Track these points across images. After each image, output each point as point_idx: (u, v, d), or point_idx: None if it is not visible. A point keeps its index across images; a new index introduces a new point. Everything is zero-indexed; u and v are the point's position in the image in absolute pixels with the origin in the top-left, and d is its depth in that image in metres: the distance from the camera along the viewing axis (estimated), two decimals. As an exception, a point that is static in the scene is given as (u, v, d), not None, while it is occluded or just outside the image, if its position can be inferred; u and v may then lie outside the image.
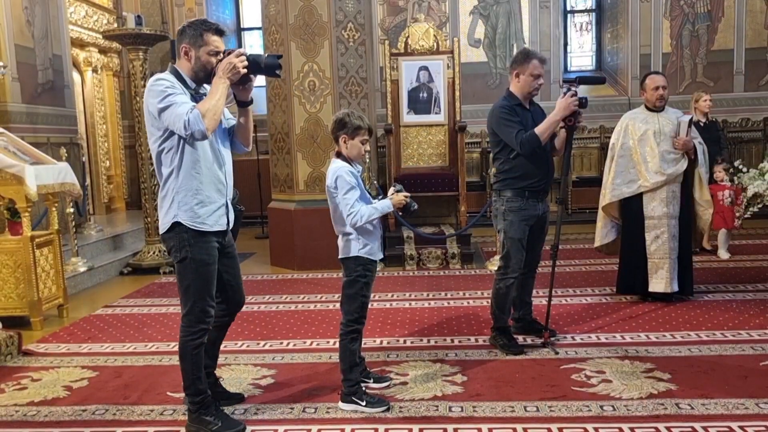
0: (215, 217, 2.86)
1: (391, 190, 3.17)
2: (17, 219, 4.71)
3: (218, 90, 2.73)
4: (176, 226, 2.82)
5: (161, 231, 2.89)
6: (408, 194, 3.13)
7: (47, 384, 3.62)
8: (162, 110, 2.68)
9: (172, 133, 2.74)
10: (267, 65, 2.81)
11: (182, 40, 2.82)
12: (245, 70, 2.75)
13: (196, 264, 2.83)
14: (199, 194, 2.81)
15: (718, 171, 6.08)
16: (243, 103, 2.95)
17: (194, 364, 2.89)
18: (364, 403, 3.09)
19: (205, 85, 2.90)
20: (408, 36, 7.50)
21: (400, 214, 3.21)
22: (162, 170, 2.83)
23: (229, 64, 2.72)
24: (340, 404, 3.14)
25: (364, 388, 3.20)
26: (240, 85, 2.84)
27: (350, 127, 3.08)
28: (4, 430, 3.05)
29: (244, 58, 2.74)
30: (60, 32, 7.29)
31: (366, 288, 3.15)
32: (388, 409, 3.09)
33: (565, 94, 3.69)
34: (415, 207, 3.17)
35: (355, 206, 3.04)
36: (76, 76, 8.38)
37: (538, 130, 3.67)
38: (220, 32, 2.84)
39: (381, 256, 3.22)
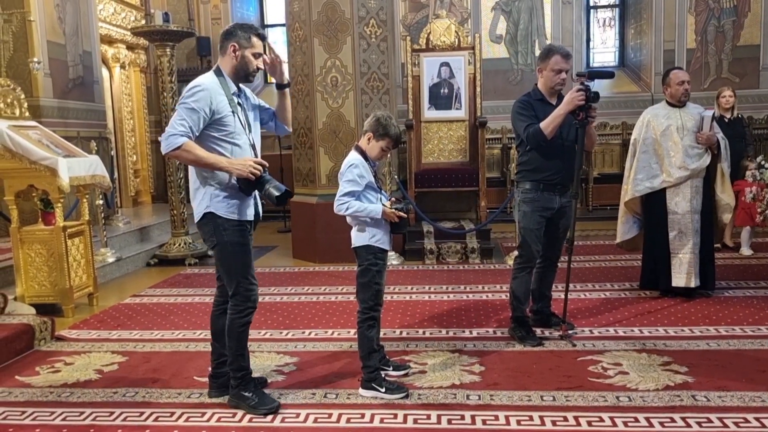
0: (245, 207, 3.03)
1: (391, 202, 3.23)
2: (50, 209, 4.87)
3: (212, 162, 2.88)
4: (209, 215, 2.98)
5: (196, 220, 3.06)
6: (404, 215, 3.21)
7: (79, 367, 3.76)
8: (176, 110, 2.90)
9: (203, 128, 2.91)
10: (267, 194, 2.91)
11: (231, 39, 2.98)
12: (252, 177, 2.89)
13: (232, 246, 3.00)
14: (232, 187, 2.96)
15: (750, 168, 6.01)
16: (280, 86, 3.16)
17: (239, 342, 3.06)
18: (383, 390, 3.18)
19: (242, 85, 3.07)
20: (429, 32, 7.55)
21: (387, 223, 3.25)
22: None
23: (244, 165, 2.88)
24: (361, 391, 3.23)
25: (383, 375, 3.29)
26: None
27: (380, 131, 3.19)
28: (40, 409, 3.19)
29: (260, 171, 2.90)
30: (90, 29, 7.49)
31: (378, 276, 3.23)
32: (406, 396, 3.17)
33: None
34: (404, 230, 3.30)
35: (347, 197, 3.18)
36: (104, 72, 8.57)
37: (543, 124, 3.73)
38: (264, 38, 3.05)
39: (390, 246, 3.31)
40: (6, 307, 4.40)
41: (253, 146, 3.07)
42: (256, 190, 2.97)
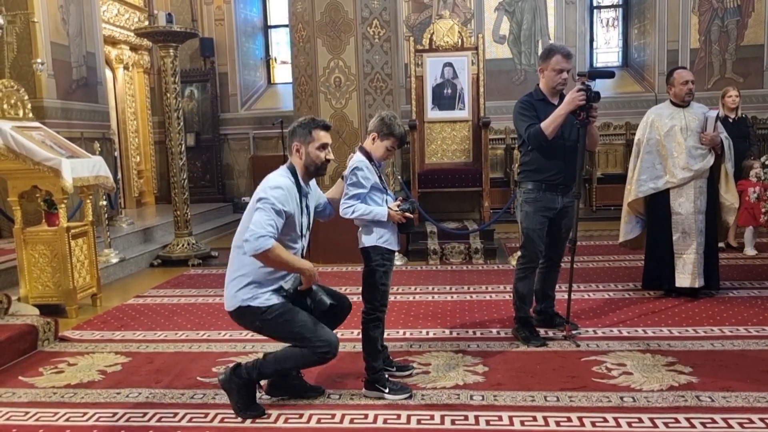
0: (278, 290, 3.01)
1: (397, 203, 3.21)
2: (54, 210, 4.87)
3: (298, 266, 2.92)
4: (244, 308, 2.96)
5: (227, 308, 3.01)
6: (411, 215, 3.18)
7: (83, 368, 3.77)
8: (259, 210, 2.83)
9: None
10: (317, 304, 3.00)
11: (293, 139, 3.01)
12: (309, 287, 2.98)
13: (281, 316, 2.96)
14: (275, 283, 2.97)
15: (755, 167, 5.99)
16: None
17: (294, 365, 3.07)
18: (387, 390, 3.17)
19: (310, 183, 3.13)
20: (433, 32, 7.54)
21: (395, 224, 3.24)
22: (244, 258, 2.91)
23: (312, 277, 2.95)
24: (364, 391, 3.23)
25: (387, 376, 3.28)
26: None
27: (384, 131, 3.18)
28: (44, 410, 3.19)
29: (316, 282, 3.01)
30: (93, 30, 7.50)
31: (385, 277, 3.22)
32: (410, 396, 3.17)
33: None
34: (411, 230, 3.28)
35: (353, 201, 3.17)
36: (108, 73, 8.59)
37: (543, 124, 3.72)
38: (326, 128, 3.05)
39: (398, 247, 3.30)
40: (9, 308, 4.41)
41: (302, 251, 3.09)
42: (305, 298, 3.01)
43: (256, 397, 3.10)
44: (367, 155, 3.23)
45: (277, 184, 2.91)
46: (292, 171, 3.02)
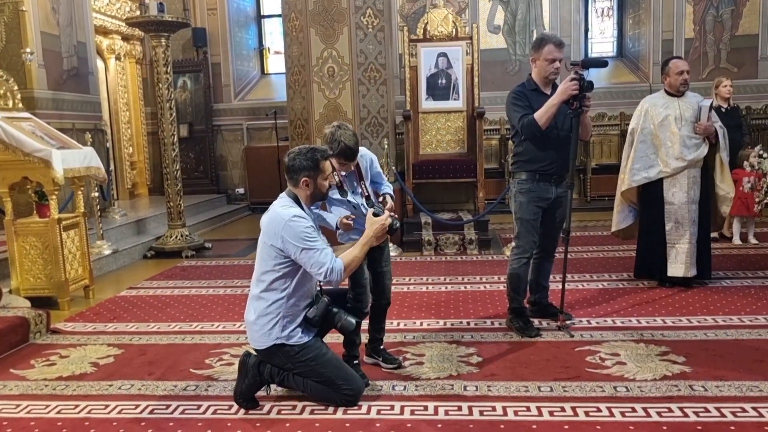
0: (306, 326, 3.05)
1: (372, 213, 3.12)
2: (45, 202, 4.83)
3: (365, 245, 2.99)
4: (278, 345, 2.97)
5: (260, 345, 3.01)
6: (379, 217, 3.09)
7: (75, 360, 3.75)
8: (304, 250, 2.86)
9: (293, 264, 2.91)
10: (343, 328, 3.06)
11: (301, 174, 2.97)
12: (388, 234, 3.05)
13: (314, 360, 2.98)
14: (299, 318, 3.00)
15: (752, 156, 5.99)
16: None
17: (310, 393, 3.06)
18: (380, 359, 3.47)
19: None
20: (427, 22, 7.49)
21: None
22: (269, 294, 2.96)
23: (384, 232, 3.02)
24: (365, 358, 3.48)
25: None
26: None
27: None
28: (35, 402, 3.17)
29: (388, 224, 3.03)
30: (84, 20, 7.42)
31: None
32: (398, 367, 3.42)
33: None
34: (395, 231, 3.21)
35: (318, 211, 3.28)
36: (99, 63, 8.51)
37: (537, 114, 3.69)
38: (328, 156, 3.06)
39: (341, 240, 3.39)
40: (1, 300, 4.38)
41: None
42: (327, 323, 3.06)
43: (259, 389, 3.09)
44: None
45: (298, 215, 2.91)
46: (295, 199, 3.01)
